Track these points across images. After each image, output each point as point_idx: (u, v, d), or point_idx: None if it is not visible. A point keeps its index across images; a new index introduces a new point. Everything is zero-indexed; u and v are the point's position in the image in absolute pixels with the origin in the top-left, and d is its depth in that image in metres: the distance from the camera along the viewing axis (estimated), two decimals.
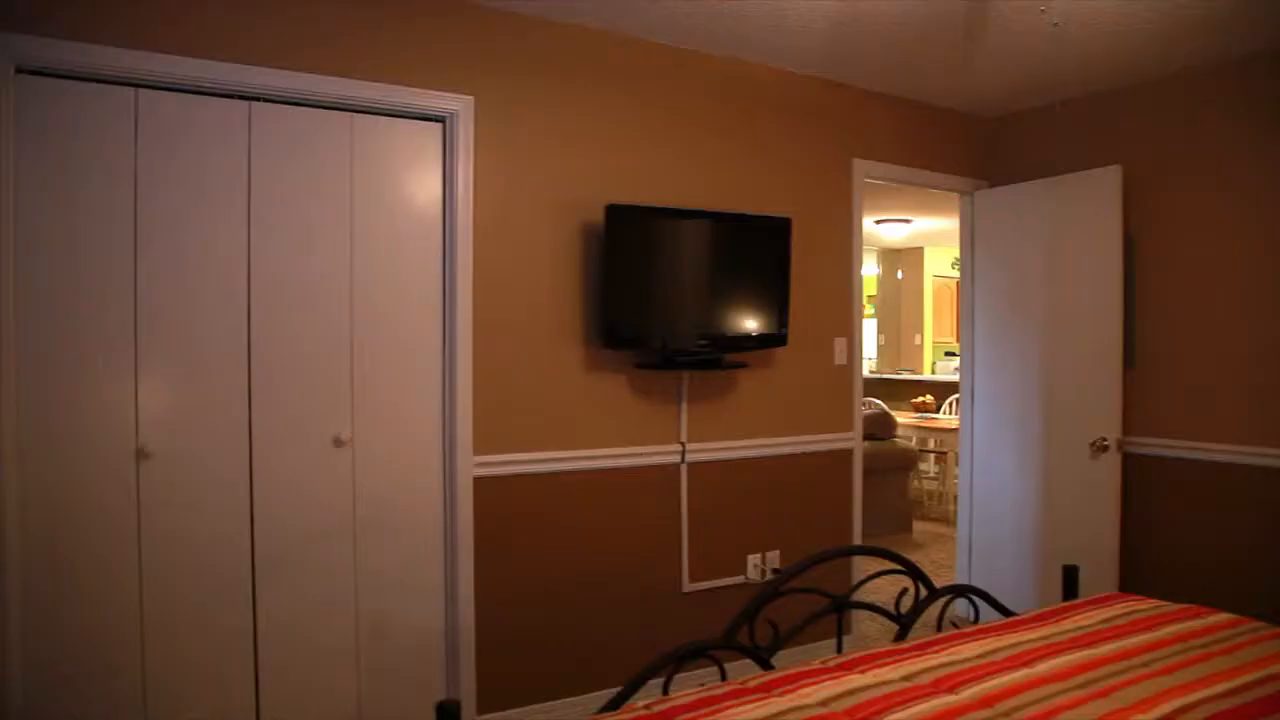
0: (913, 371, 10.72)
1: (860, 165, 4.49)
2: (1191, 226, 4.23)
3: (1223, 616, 2.59)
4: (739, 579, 4.09)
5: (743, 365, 3.96)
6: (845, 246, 4.45)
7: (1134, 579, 4.35)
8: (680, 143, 3.92)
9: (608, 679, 3.54)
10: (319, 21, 3.11)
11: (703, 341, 3.79)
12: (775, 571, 4.09)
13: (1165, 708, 1.88)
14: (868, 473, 6.92)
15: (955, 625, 2.70)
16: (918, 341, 10.94)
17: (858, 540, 4.49)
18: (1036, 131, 4.87)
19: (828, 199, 4.39)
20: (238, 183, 3.03)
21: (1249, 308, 4.03)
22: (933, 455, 8.60)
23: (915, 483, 8.57)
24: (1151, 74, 4.29)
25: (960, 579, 5.08)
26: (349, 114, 3.23)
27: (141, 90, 2.87)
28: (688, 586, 3.95)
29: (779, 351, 4.15)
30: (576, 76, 3.64)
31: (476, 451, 3.43)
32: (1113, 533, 4.27)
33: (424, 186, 3.39)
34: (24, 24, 2.65)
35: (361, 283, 3.26)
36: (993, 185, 5.00)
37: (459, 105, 3.38)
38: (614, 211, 3.56)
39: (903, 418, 8.43)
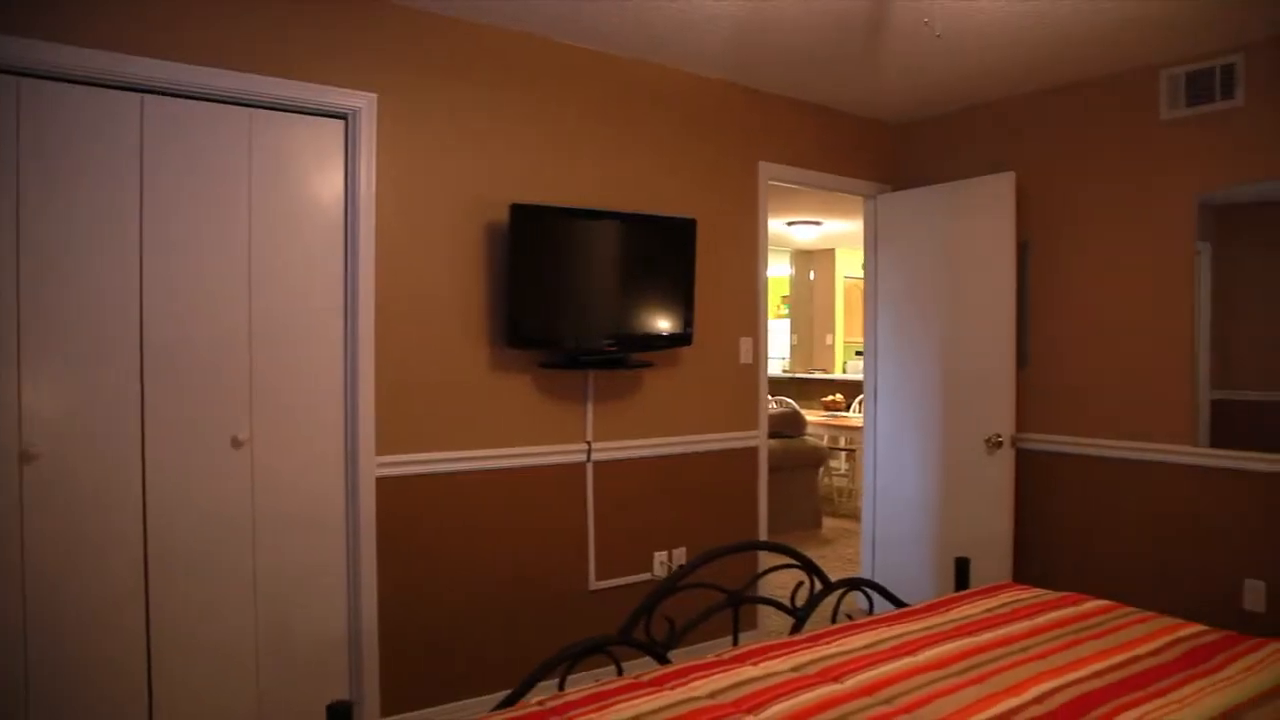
0: (824, 371, 10.91)
1: (766, 168, 4.57)
2: (1078, 233, 4.42)
3: (1098, 603, 2.71)
4: (645, 576, 4.12)
5: (648, 365, 4.00)
6: (751, 247, 4.52)
7: (1028, 569, 4.53)
8: (588, 143, 3.94)
9: (514, 678, 3.52)
10: (216, 13, 3.05)
11: (608, 341, 3.81)
12: (681, 568, 4.13)
13: (1036, 690, 1.97)
14: (778, 470, 7.06)
15: (850, 618, 2.77)
16: (829, 341, 11.15)
17: (763, 536, 4.57)
18: (938, 138, 5.02)
19: (734, 200, 4.45)
20: (129, 176, 2.95)
21: (1127, 310, 4.23)
22: (844, 453, 8.79)
23: (826, 480, 8.74)
24: (1044, 85, 4.47)
25: (865, 572, 5.20)
26: (248, 109, 3.17)
27: (24, 79, 2.77)
28: (594, 585, 3.97)
29: (684, 351, 4.20)
30: (482, 75, 3.63)
31: (379, 452, 3.39)
32: (1006, 525, 4.43)
33: (326, 184, 3.34)
34: None
35: (260, 281, 3.20)
36: (896, 189, 5.14)
37: (361, 102, 3.34)
38: (518, 211, 3.56)
39: (814, 416, 8.59)
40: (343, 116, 3.36)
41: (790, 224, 9.07)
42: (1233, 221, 4.04)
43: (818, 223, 9.02)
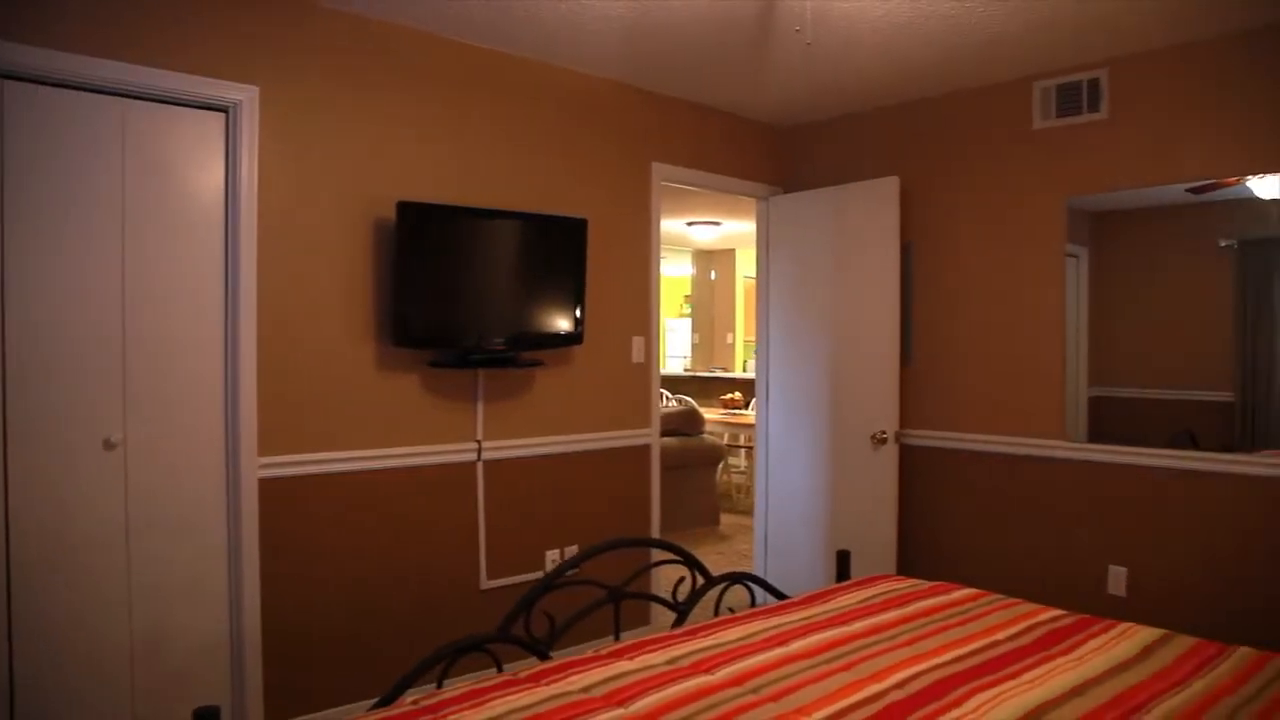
0: (725, 369, 11.05)
1: (659, 169, 4.62)
2: (958, 235, 4.58)
3: (966, 591, 2.83)
4: (538, 575, 4.13)
5: (539, 364, 4.01)
6: (643, 247, 4.56)
7: (912, 560, 4.68)
8: (480, 142, 3.92)
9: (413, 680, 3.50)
10: None
11: (498, 340, 3.81)
12: (574, 567, 4.15)
13: (899, 675, 2.05)
14: (676, 468, 7.14)
15: (732, 611, 2.83)
16: (730, 340, 11.30)
17: (656, 533, 4.62)
18: (827, 142, 5.14)
19: (627, 201, 4.49)
20: None
21: (1003, 310, 4.41)
22: (743, 450, 8.92)
23: (724, 477, 8.86)
24: (926, 93, 4.62)
25: (758, 567, 5.30)
26: (121, 99, 3.06)
27: None
28: (485, 584, 3.96)
29: (576, 350, 4.22)
30: (370, 71, 3.58)
31: (262, 452, 3.32)
32: (891, 519, 4.57)
33: (205, 179, 3.25)
34: None
35: (135, 276, 3.10)
36: (787, 191, 5.25)
37: (243, 95, 3.27)
38: (405, 209, 3.53)
39: (713, 414, 8.70)
40: (224, 109, 3.27)
41: (690, 224, 9.17)
42: (1108, 227, 4.24)
43: (717, 223, 9.14)
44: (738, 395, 9.28)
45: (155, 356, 3.15)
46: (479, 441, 3.91)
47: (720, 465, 8.40)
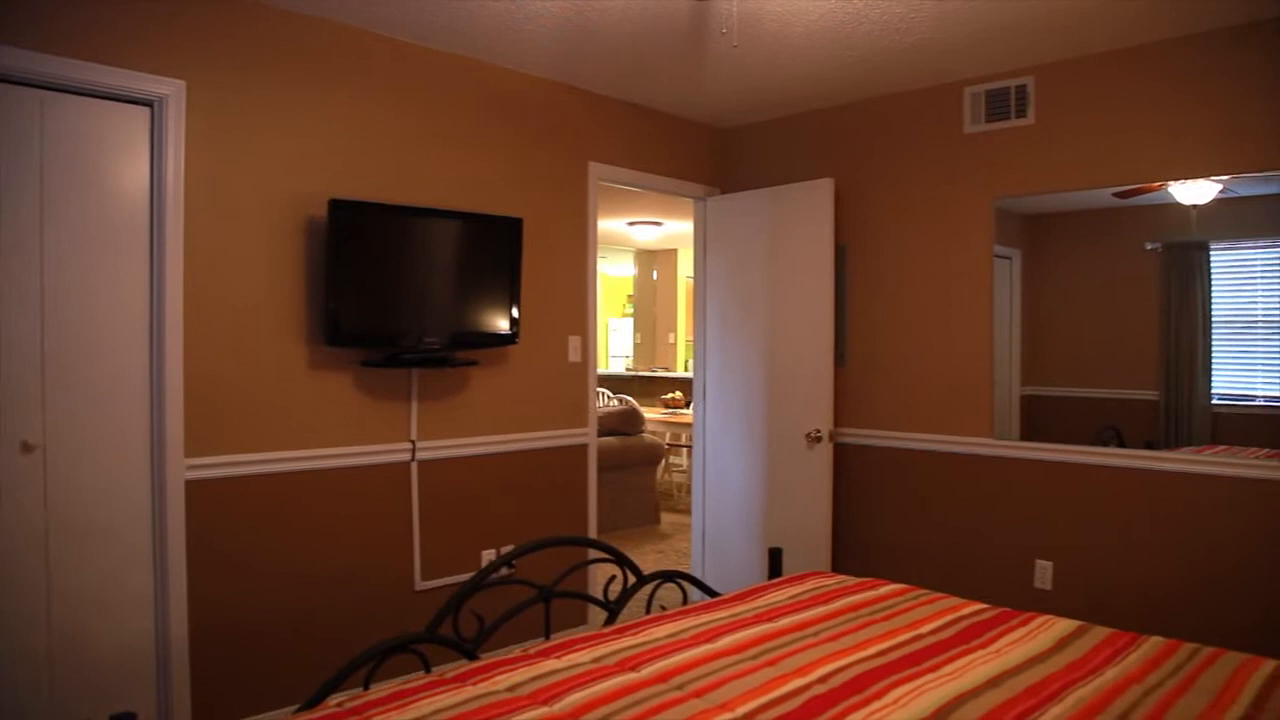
0: (667, 369, 11.10)
1: (596, 168, 4.62)
2: (891, 237, 4.66)
3: (894, 587, 2.88)
4: (474, 575, 4.10)
5: (474, 363, 3.99)
6: (580, 247, 4.57)
7: (846, 556, 4.75)
8: (414, 139, 3.89)
9: (345, 683, 3.46)
10: None
11: (432, 340, 3.78)
12: (510, 566, 4.14)
13: (823, 670, 2.08)
14: (617, 468, 7.15)
15: (664, 608, 2.85)
16: (672, 340, 11.35)
17: (593, 532, 4.62)
18: (764, 143, 5.19)
19: (564, 200, 4.49)
20: None
21: (934, 311, 4.50)
22: (685, 449, 8.96)
23: (665, 476, 8.90)
24: (860, 97, 4.69)
25: (695, 565, 5.33)
26: (39, 91, 2.98)
27: None
28: (420, 585, 3.93)
29: (512, 349, 4.21)
30: (302, 67, 3.53)
31: (189, 454, 3.26)
32: (825, 516, 4.62)
33: (130, 174, 3.18)
34: None
35: (55, 274, 3.02)
36: (725, 192, 5.29)
37: (169, 90, 3.20)
38: (337, 207, 3.49)
39: (654, 414, 8.73)
40: (148, 104, 3.21)
41: (631, 224, 9.19)
42: (1040, 229, 4.34)
43: (658, 223, 9.17)
44: (679, 395, 9.33)
45: (77, 357, 3.08)
46: (413, 442, 3.89)
47: (661, 464, 8.44)
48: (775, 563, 3.27)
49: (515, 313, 4.07)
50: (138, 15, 3.12)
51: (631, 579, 2.90)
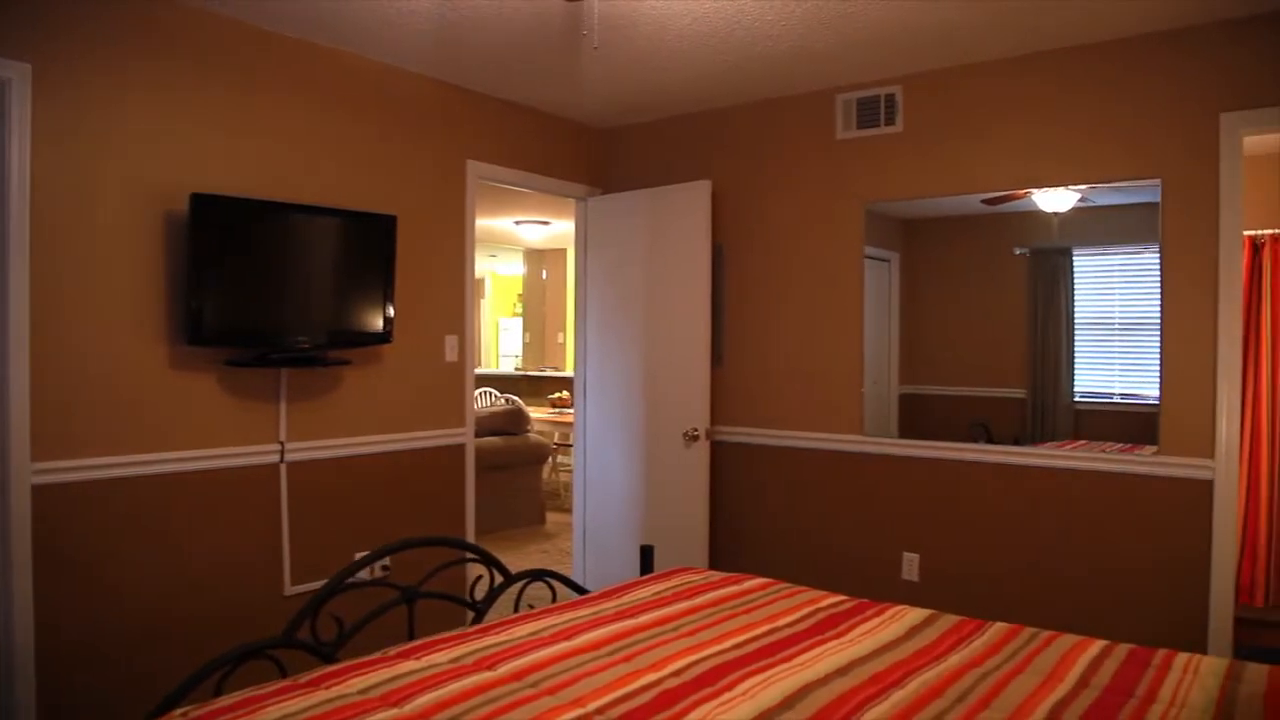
0: (556, 369, 11.08)
1: (475, 166, 4.59)
2: (766, 239, 4.76)
3: (758, 581, 2.94)
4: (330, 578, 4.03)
5: (346, 363, 3.92)
6: (458, 246, 4.53)
7: (723, 552, 4.84)
8: (285, 133, 3.79)
9: (199, 692, 3.35)
10: None
11: (301, 339, 3.70)
12: (385, 569, 4.09)
13: (678, 664, 2.12)
14: (502, 468, 7.12)
15: (532, 608, 2.85)
16: (561, 340, 11.34)
17: (471, 532, 4.59)
18: (644, 144, 5.24)
19: (441, 198, 4.45)
20: None
21: (807, 311, 4.62)
22: (572, 449, 8.95)
23: (552, 476, 8.89)
24: (737, 100, 4.78)
25: (576, 564, 5.35)
26: None
27: None
28: (290, 589, 3.84)
29: (386, 349, 4.15)
30: (164, 56, 3.40)
31: (37, 458, 3.11)
32: (702, 513, 4.69)
33: None
34: None
35: None
36: (606, 192, 5.32)
37: (12, 73, 3.04)
38: (200, 201, 3.38)
39: (541, 413, 8.71)
40: None
41: (519, 223, 9.15)
42: (917, 234, 4.49)
43: (546, 222, 9.15)
44: (567, 394, 9.32)
45: None
46: (282, 443, 3.79)
47: (548, 464, 8.43)
48: (646, 560, 3.31)
49: (390, 311, 4.01)
50: None
51: (499, 579, 2.89)
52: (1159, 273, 3.74)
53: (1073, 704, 1.95)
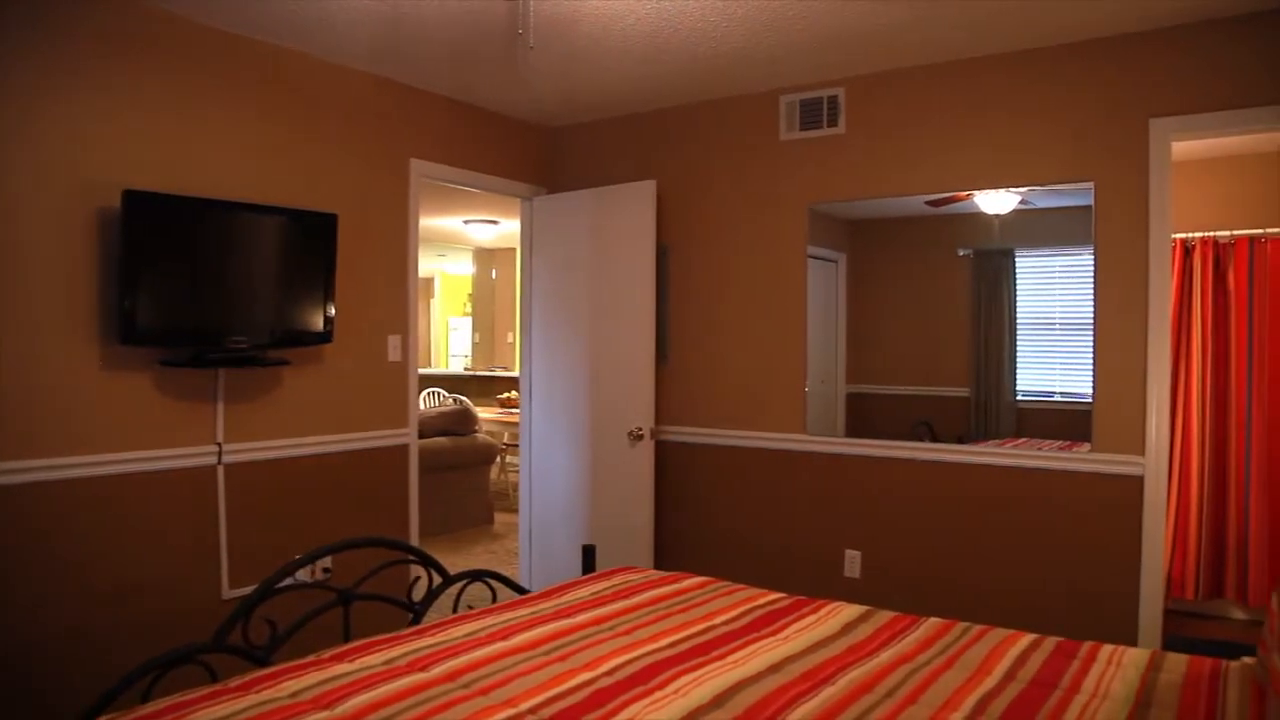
0: (505, 368, 11.04)
1: (418, 165, 4.56)
2: (711, 239, 4.79)
3: (697, 580, 2.96)
4: (288, 581, 3.98)
5: (286, 363, 3.87)
6: (401, 244, 4.49)
7: (669, 552, 4.85)
8: (224, 130, 3.73)
9: (126, 700, 3.29)
10: None
11: (239, 339, 3.65)
12: (326, 571, 4.04)
13: (612, 663, 2.12)
14: (449, 468, 7.08)
15: (471, 608, 2.84)
16: (510, 339, 11.30)
17: (415, 533, 4.56)
18: (590, 143, 5.24)
19: (384, 197, 4.41)
20: None
21: (752, 311, 4.65)
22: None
23: (501, 476, 8.86)
24: (683, 101, 4.80)
25: (522, 564, 5.33)
26: None
27: None
28: (228, 593, 3.78)
29: (327, 348, 4.10)
30: (95, 48, 3.32)
31: None
32: (647, 513, 4.71)
33: None
34: None
35: None
36: (552, 192, 5.31)
37: None
38: (134, 199, 3.31)
39: (490, 413, 8.68)
40: None
41: (468, 222, 9.10)
42: (863, 234, 4.54)
43: (495, 222, 9.11)
44: (516, 394, 9.29)
45: None
46: (219, 444, 3.74)
47: (496, 464, 8.40)
48: (588, 559, 3.31)
49: (330, 310, 3.97)
50: None
51: (439, 580, 2.87)
52: (1093, 274, 3.83)
53: (999, 697, 1.99)
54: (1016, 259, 4.13)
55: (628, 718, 1.81)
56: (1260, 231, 4.79)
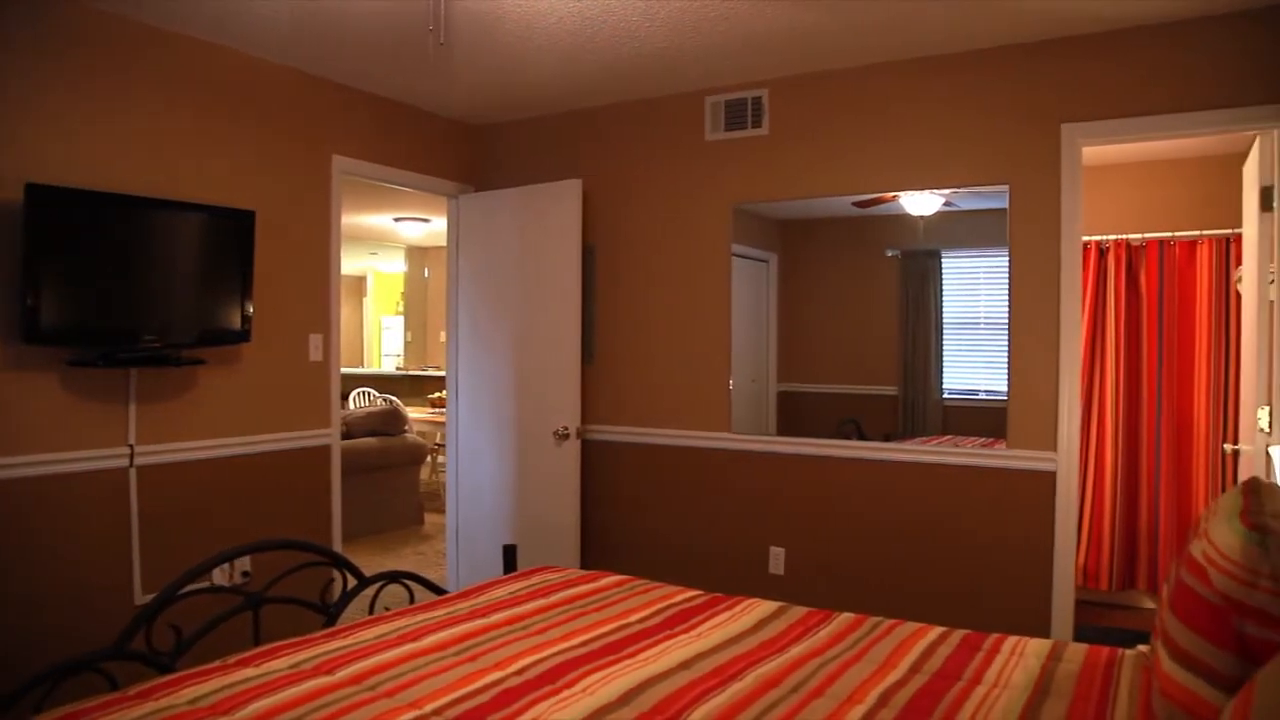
0: (437, 368, 10.94)
1: (340, 162, 4.49)
2: (637, 238, 4.80)
3: (614, 578, 2.96)
4: (205, 585, 3.90)
5: (201, 362, 3.78)
6: (323, 242, 4.43)
7: (594, 550, 4.86)
8: (136, 124, 3.63)
9: (16, 712, 3.19)
10: None
11: (150, 337, 3.56)
12: (245, 575, 3.97)
13: (522, 663, 2.12)
14: (378, 469, 7.00)
15: (388, 609, 2.80)
16: (443, 339, 11.18)
17: (338, 534, 4.50)
18: (517, 141, 5.21)
19: (305, 193, 4.34)
20: None
21: (677, 310, 4.67)
22: None
23: (433, 476, 8.78)
24: (609, 100, 4.80)
25: (449, 564, 5.29)
26: None
27: None
28: (142, 599, 3.69)
29: (246, 348, 4.02)
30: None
31: None
32: (573, 512, 4.70)
33: None
34: None
35: None
36: (479, 190, 5.27)
37: None
38: (36, 192, 3.21)
39: (421, 413, 8.59)
40: None
41: (398, 220, 9.00)
42: (794, 234, 4.58)
43: (426, 220, 9.02)
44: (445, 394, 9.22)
45: None
46: (132, 446, 3.64)
47: (427, 464, 8.33)
48: (509, 559, 3.29)
49: (248, 309, 3.90)
50: None
51: (353, 582, 2.84)
52: (1008, 275, 3.91)
53: (903, 689, 2.02)
54: (943, 260, 4.21)
55: (534, 717, 1.81)
56: (1170, 235, 4.94)
